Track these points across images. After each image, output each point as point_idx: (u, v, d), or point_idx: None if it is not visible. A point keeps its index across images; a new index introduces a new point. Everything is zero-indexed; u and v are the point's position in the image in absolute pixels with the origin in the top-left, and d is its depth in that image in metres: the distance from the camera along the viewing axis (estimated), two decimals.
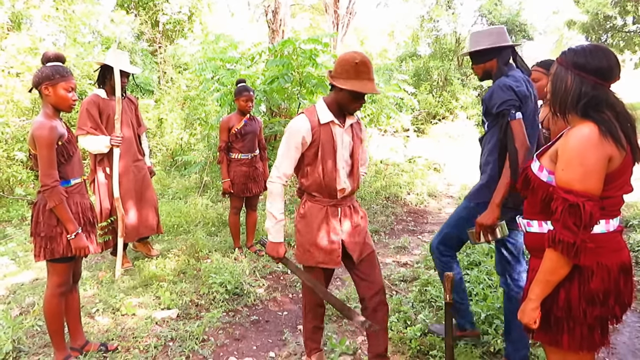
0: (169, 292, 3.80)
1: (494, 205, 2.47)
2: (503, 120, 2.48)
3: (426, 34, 21.32)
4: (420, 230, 6.15)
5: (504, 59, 2.66)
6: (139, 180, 4.32)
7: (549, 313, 1.71)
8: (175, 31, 14.88)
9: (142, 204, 4.35)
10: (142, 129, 4.51)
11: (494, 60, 2.66)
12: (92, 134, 3.99)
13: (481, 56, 2.70)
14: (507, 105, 2.47)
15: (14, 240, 5.29)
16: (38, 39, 7.90)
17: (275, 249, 2.47)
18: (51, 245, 2.59)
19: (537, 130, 2.70)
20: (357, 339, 3.25)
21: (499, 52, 2.65)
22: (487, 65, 2.70)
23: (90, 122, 4.00)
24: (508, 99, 2.47)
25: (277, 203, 2.44)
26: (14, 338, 3.05)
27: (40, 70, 2.58)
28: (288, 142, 2.42)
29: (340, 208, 2.51)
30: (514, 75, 2.58)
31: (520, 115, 2.46)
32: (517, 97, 2.48)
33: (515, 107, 2.47)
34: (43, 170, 2.51)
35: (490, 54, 2.66)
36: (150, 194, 4.43)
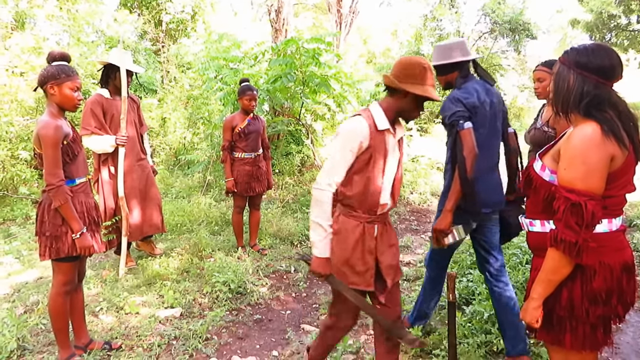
0: (172, 291, 3.81)
1: (446, 212, 2.65)
2: (453, 130, 2.65)
3: (429, 33, 21.29)
4: (423, 229, 6.15)
5: (464, 71, 2.83)
6: (143, 179, 4.33)
7: (551, 312, 1.72)
8: (179, 30, 14.89)
9: (146, 202, 4.36)
10: (144, 128, 4.52)
11: (455, 73, 2.85)
12: (97, 134, 3.99)
13: (444, 69, 2.87)
14: (456, 116, 2.63)
15: (18, 239, 5.31)
16: (42, 39, 7.92)
17: (321, 265, 2.18)
18: (56, 244, 2.60)
19: (499, 133, 2.87)
20: (359, 337, 3.26)
21: (460, 66, 2.83)
22: (448, 77, 2.89)
23: (95, 121, 4.00)
24: (457, 111, 2.64)
25: (326, 213, 2.17)
26: (18, 336, 3.07)
27: (46, 69, 2.59)
28: (343, 146, 2.15)
29: (377, 225, 2.27)
30: (466, 88, 2.75)
31: (469, 125, 2.61)
32: (465, 108, 2.65)
33: (464, 118, 2.62)
34: (48, 169, 2.52)
35: (452, 67, 2.84)
36: (154, 193, 4.45)
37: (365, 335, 3.31)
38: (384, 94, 2.39)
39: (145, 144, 4.53)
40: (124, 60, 4.07)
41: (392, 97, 2.24)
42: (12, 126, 6.97)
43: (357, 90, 8.36)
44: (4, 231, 5.67)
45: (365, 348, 3.11)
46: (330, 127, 9.04)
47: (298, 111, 7.76)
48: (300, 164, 8.68)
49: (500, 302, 2.86)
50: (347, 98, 7.68)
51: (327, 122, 8.71)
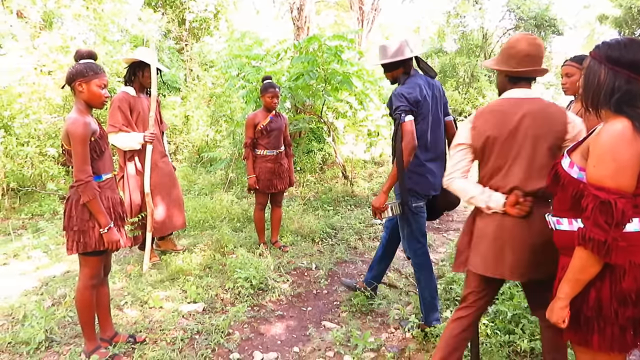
0: (195, 286, 3.86)
1: (382, 192, 3.04)
2: (396, 122, 2.94)
3: (452, 29, 21.08)
4: (445, 228, 6.10)
5: (408, 67, 3.11)
6: (166, 176, 4.39)
7: (578, 312, 1.68)
8: (202, 29, 15.03)
9: (170, 199, 4.42)
10: (164, 126, 4.59)
11: (400, 69, 3.11)
12: (124, 131, 4.05)
13: (389, 66, 3.14)
14: (399, 110, 2.90)
15: (46, 234, 5.43)
16: (69, 38, 8.07)
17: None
18: (84, 238, 2.65)
19: (442, 123, 3.18)
20: (380, 335, 3.25)
21: (403, 62, 3.08)
22: (394, 74, 3.16)
23: (122, 119, 4.05)
24: (400, 105, 2.91)
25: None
26: (46, 328, 3.14)
27: (74, 67, 2.63)
28: None
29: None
30: (410, 83, 3.01)
31: (410, 118, 2.89)
32: (408, 102, 2.91)
33: (406, 112, 2.89)
34: (77, 165, 2.57)
35: (396, 64, 3.09)
36: (176, 190, 4.50)
37: (386, 333, 3.29)
38: None
39: (164, 142, 4.60)
40: (150, 59, 4.12)
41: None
42: (41, 124, 7.14)
43: (379, 87, 8.32)
44: (32, 226, 5.81)
45: (386, 346, 3.10)
46: (352, 124, 9.02)
47: (320, 109, 7.75)
48: (322, 161, 8.69)
49: (420, 273, 3.22)
50: (369, 95, 7.64)
51: (349, 120, 8.69)
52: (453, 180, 2.31)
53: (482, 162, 2.27)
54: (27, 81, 7.03)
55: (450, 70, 18.53)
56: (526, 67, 2.17)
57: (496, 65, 2.27)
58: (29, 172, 6.78)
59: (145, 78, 4.18)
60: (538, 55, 2.18)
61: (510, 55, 2.20)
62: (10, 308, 3.61)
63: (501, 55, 2.26)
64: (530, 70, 2.17)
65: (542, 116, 2.13)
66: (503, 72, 2.25)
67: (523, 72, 2.18)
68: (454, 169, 2.31)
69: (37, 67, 7.37)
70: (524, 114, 2.13)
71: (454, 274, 3.92)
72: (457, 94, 16.97)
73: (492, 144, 2.18)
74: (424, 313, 3.20)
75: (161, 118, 4.55)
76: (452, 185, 2.32)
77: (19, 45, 7.48)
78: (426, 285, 3.18)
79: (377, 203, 3.05)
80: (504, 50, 2.25)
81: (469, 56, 18.90)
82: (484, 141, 2.19)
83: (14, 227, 5.74)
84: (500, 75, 2.29)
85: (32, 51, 7.53)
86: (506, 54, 2.22)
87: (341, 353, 3.01)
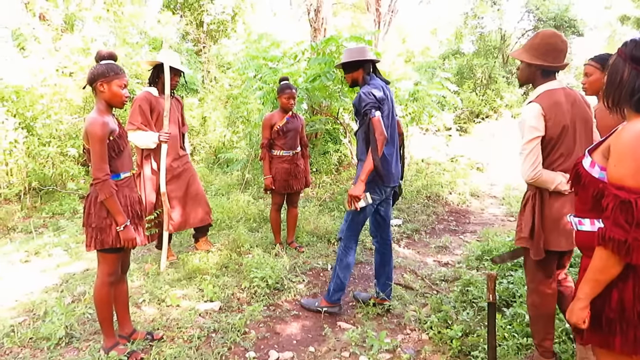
0: (212, 285, 3.89)
1: (360, 181, 3.22)
2: (366, 118, 3.20)
3: (470, 31, 20.92)
4: (462, 230, 6.05)
5: (367, 70, 3.40)
6: (180, 176, 4.41)
7: (600, 313, 1.65)
8: (219, 31, 15.16)
9: (187, 197, 4.46)
10: (185, 128, 4.64)
11: (359, 71, 3.40)
12: (142, 130, 4.12)
13: (350, 67, 3.41)
14: (369, 106, 3.18)
15: (66, 232, 5.53)
16: (90, 40, 8.21)
17: None
18: (101, 235, 2.69)
19: (394, 122, 3.44)
20: (396, 336, 3.24)
21: (362, 65, 3.38)
22: (354, 75, 3.44)
23: (141, 117, 4.13)
24: (369, 102, 3.18)
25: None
26: (66, 324, 3.20)
27: (95, 67, 2.68)
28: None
29: None
30: (373, 83, 3.32)
31: (379, 114, 3.18)
32: (376, 99, 3.21)
33: (375, 108, 3.19)
34: (95, 164, 2.61)
35: (356, 66, 3.39)
36: (195, 188, 4.52)
37: (402, 335, 3.28)
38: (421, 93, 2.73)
39: (185, 143, 4.64)
40: (172, 60, 4.19)
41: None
42: (62, 124, 7.27)
43: (395, 89, 8.30)
44: (53, 224, 5.92)
45: (402, 347, 3.09)
46: None
47: (336, 110, 7.76)
48: (338, 162, 8.69)
49: (383, 257, 3.65)
50: None
51: None
52: (541, 173, 2.45)
53: (553, 150, 2.47)
54: (49, 82, 7.17)
55: (468, 72, 18.37)
56: (561, 63, 2.47)
57: (532, 59, 2.50)
58: (50, 172, 6.91)
59: (173, 82, 4.26)
60: (567, 51, 2.51)
61: (547, 50, 2.47)
62: (31, 304, 3.69)
63: (535, 50, 2.50)
64: (563, 65, 2.47)
65: (579, 102, 2.50)
66: (539, 66, 2.49)
67: (558, 66, 2.48)
68: (537, 161, 2.44)
69: (59, 68, 7.51)
70: (571, 102, 2.47)
71: (471, 276, 3.89)
72: (474, 96, 16.80)
73: (566, 132, 2.44)
74: (330, 290, 3.54)
75: (183, 120, 4.60)
76: (542, 177, 2.45)
77: (41, 48, 7.63)
78: (345, 267, 3.50)
79: (357, 191, 3.23)
80: (539, 45, 2.49)
81: (487, 57, 18.72)
82: (561, 130, 2.43)
83: (35, 225, 5.85)
84: (530, 67, 2.54)
85: (54, 53, 7.68)
86: (543, 50, 2.47)
87: (357, 353, 3.01)
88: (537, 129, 2.42)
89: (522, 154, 2.47)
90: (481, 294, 3.60)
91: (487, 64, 17.92)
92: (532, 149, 2.43)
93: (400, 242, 5.42)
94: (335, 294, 3.53)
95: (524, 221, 2.57)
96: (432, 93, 8.83)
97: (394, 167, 3.42)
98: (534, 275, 2.64)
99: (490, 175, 9.59)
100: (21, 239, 5.41)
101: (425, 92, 8.58)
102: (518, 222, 2.66)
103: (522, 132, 2.48)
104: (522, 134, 2.47)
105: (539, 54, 2.48)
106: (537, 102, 2.45)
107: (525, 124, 2.45)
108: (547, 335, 2.67)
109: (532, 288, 2.67)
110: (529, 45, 2.55)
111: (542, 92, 2.49)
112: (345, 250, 3.50)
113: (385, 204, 3.59)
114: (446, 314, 3.34)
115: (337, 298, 3.55)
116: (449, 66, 19.27)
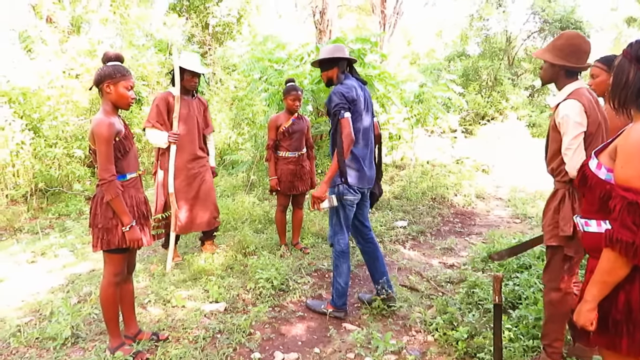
0: (217, 286, 3.89)
1: (323, 183, 3.25)
2: (335, 119, 3.19)
3: (475, 33, 20.90)
4: (468, 232, 6.03)
5: (341, 68, 3.38)
6: (191, 177, 4.42)
7: (607, 315, 1.64)
8: (225, 33, 15.23)
9: (197, 200, 4.46)
10: (209, 129, 4.64)
11: (334, 69, 3.39)
12: (157, 128, 4.19)
13: (325, 65, 3.42)
14: (338, 107, 3.17)
15: (72, 233, 5.55)
16: (97, 42, 8.26)
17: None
18: (107, 236, 2.70)
19: (371, 123, 3.46)
20: (402, 338, 3.23)
21: (337, 63, 3.37)
22: (329, 74, 3.43)
23: (158, 116, 4.21)
24: (339, 102, 3.17)
25: None
26: (72, 324, 3.21)
27: (102, 69, 2.69)
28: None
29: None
30: (346, 83, 3.30)
31: (348, 115, 3.18)
32: (346, 100, 3.19)
33: (345, 109, 3.17)
34: (101, 164, 2.62)
35: (331, 64, 3.38)
36: (205, 191, 4.51)
37: (407, 336, 3.27)
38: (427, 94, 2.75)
39: (209, 145, 4.66)
40: (190, 62, 4.26)
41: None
42: (68, 125, 7.31)
43: (400, 90, 8.30)
44: (59, 225, 5.95)
45: (408, 349, 3.08)
46: None
47: None
48: None
49: (370, 256, 3.64)
50: (390, 99, 7.63)
51: None
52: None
53: (589, 146, 2.46)
54: (56, 84, 7.22)
55: (473, 74, 18.34)
56: (584, 64, 2.53)
57: (555, 59, 2.54)
58: (56, 173, 6.94)
59: (187, 81, 4.30)
60: (590, 52, 2.56)
61: (571, 51, 2.51)
62: (38, 304, 3.70)
63: (559, 51, 2.54)
64: (586, 66, 2.54)
65: (598, 103, 2.57)
66: (562, 66, 2.53)
67: (581, 67, 2.53)
68: (584, 156, 2.44)
69: (65, 70, 7.56)
70: (595, 101, 2.52)
71: (476, 278, 3.88)
72: (479, 98, 16.77)
73: (600, 129, 2.48)
74: (334, 296, 3.52)
75: (206, 121, 4.61)
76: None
77: (48, 50, 7.68)
78: (342, 272, 3.48)
79: (319, 193, 3.27)
80: (563, 46, 2.54)
81: (492, 59, 18.68)
82: (597, 127, 2.47)
83: (41, 226, 5.88)
84: (554, 67, 2.57)
85: (60, 55, 7.74)
86: (567, 50, 2.51)
87: (362, 355, 3.00)
88: (581, 125, 2.42)
89: (569, 149, 2.44)
90: (487, 295, 3.58)
91: (493, 65, 17.90)
92: (580, 145, 2.43)
93: (405, 244, 5.41)
94: (339, 299, 3.51)
95: (564, 219, 2.53)
96: (437, 95, 8.83)
97: (367, 169, 3.40)
98: (558, 273, 2.63)
99: (496, 177, 9.56)
100: (27, 240, 5.44)
101: (430, 94, 8.58)
102: (550, 221, 2.61)
103: (565, 128, 2.45)
104: (566, 131, 2.44)
105: (563, 54, 2.52)
106: (575, 99, 2.46)
107: (569, 120, 2.43)
108: (559, 336, 2.66)
109: (554, 286, 2.65)
110: (552, 46, 2.58)
111: (574, 90, 2.52)
112: (339, 255, 3.47)
113: (362, 207, 3.58)
114: (452, 316, 3.33)
115: (341, 303, 3.52)
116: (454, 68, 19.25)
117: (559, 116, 2.47)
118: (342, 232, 3.45)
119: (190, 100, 4.42)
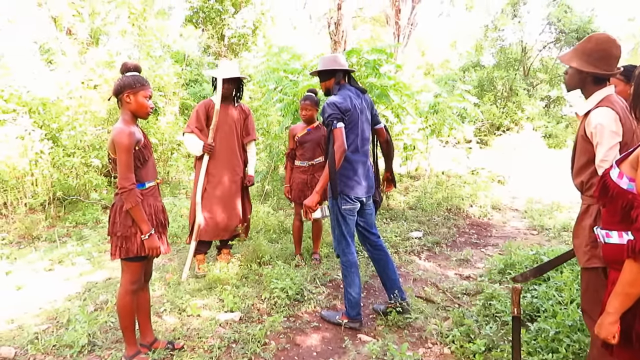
0: (232, 295, 3.89)
1: (315, 192, 3.27)
2: (328, 129, 3.24)
3: (490, 43, 20.82)
4: (484, 243, 5.97)
5: (337, 79, 3.45)
6: (221, 185, 4.44)
7: (630, 328, 1.61)
8: (240, 44, 15.38)
9: (224, 209, 4.47)
10: (249, 137, 4.65)
11: (332, 80, 3.47)
12: (195, 134, 4.31)
13: (323, 76, 3.49)
14: (331, 117, 3.21)
15: (89, 241, 5.61)
16: (115, 53, 8.39)
17: None
18: (126, 244, 2.73)
19: (369, 133, 3.52)
20: (418, 350, 3.20)
21: (334, 74, 3.45)
22: (327, 84, 3.50)
23: (197, 122, 4.35)
24: (332, 113, 3.21)
25: None
26: (89, 332, 3.23)
27: (122, 79, 2.74)
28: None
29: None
30: (341, 94, 3.35)
31: (341, 125, 3.21)
32: (339, 111, 3.22)
33: (337, 119, 3.21)
34: (122, 173, 2.65)
35: (329, 74, 3.46)
36: (235, 202, 4.53)
37: (423, 348, 3.23)
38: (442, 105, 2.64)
39: (249, 153, 4.69)
40: (229, 71, 4.33)
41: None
42: (86, 135, 7.41)
43: (415, 101, 8.28)
44: (76, 234, 6.01)
45: None
46: None
47: None
48: None
49: (380, 264, 3.63)
50: (405, 109, 7.61)
51: None
52: None
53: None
54: (75, 95, 7.34)
55: (488, 84, 18.26)
56: (613, 70, 2.30)
57: (583, 66, 2.31)
58: (74, 182, 7.03)
59: (224, 90, 4.34)
60: (620, 57, 2.34)
61: (600, 57, 2.28)
62: (55, 312, 3.74)
63: (588, 56, 2.30)
64: (615, 72, 2.31)
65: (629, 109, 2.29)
66: (591, 73, 2.30)
67: (610, 74, 2.31)
68: None
69: (84, 81, 7.69)
70: (628, 108, 2.28)
71: (493, 290, 3.83)
72: (495, 108, 16.67)
73: (633, 138, 2.31)
74: (347, 307, 3.50)
75: (248, 129, 4.63)
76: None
77: (67, 61, 7.82)
78: (352, 282, 3.45)
79: (310, 202, 3.28)
80: (592, 51, 2.30)
81: (508, 70, 18.59)
82: (632, 136, 2.31)
83: (59, 234, 5.94)
84: (581, 74, 2.34)
85: (79, 66, 7.87)
86: (596, 55, 2.28)
87: None
88: (617, 134, 2.19)
89: (605, 161, 2.15)
90: (504, 307, 3.53)
91: (508, 76, 17.80)
92: (616, 156, 2.12)
93: (420, 255, 5.36)
94: (352, 310, 3.49)
95: None
96: (452, 105, 8.79)
97: (362, 178, 3.41)
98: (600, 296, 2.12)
99: (512, 188, 9.47)
100: (45, 248, 5.51)
101: (445, 105, 8.54)
102: (587, 240, 2.26)
103: (600, 138, 2.19)
104: (601, 141, 2.19)
105: (592, 60, 2.28)
106: (608, 107, 2.24)
107: (605, 130, 2.18)
108: None
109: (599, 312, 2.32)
110: (580, 50, 2.34)
111: (604, 97, 2.30)
112: (346, 265, 3.46)
113: (365, 214, 3.60)
114: (468, 328, 3.28)
115: (355, 313, 3.50)
116: (469, 79, 19.18)
117: (591, 125, 2.22)
118: (347, 242, 3.46)
119: (229, 108, 4.46)
